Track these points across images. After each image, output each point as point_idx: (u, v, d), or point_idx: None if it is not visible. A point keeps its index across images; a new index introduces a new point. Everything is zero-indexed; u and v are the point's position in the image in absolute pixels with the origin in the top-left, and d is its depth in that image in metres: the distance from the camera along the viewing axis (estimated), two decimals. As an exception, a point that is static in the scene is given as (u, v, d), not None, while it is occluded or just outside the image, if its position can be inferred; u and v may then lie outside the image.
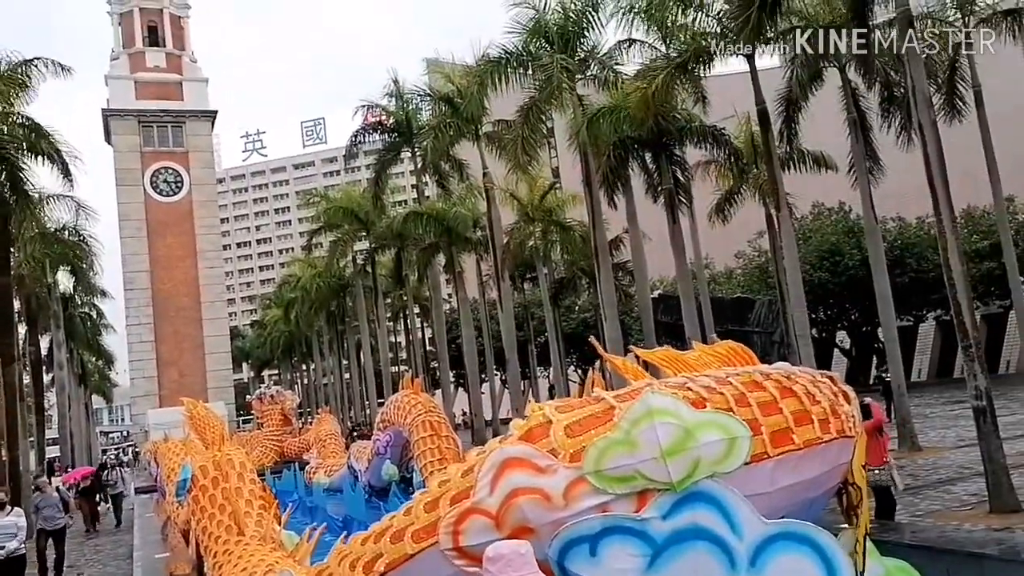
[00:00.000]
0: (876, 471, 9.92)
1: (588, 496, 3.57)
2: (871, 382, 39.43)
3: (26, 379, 34.81)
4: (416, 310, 48.63)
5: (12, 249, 24.70)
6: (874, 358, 46.15)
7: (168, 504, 14.81)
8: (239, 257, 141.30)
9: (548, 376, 52.81)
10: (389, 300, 51.74)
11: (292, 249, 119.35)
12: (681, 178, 24.53)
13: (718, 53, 19.11)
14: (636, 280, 26.99)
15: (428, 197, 38.21)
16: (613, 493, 3.54)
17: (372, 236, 39.98)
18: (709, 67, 20.03)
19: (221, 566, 7.16)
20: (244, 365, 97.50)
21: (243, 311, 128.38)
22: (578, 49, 22.13)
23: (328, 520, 12.87)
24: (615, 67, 22.50)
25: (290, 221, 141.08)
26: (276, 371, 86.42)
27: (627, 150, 23.10)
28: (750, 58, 18.96)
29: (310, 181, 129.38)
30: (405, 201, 58.96)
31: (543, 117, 24.11)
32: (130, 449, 59.44)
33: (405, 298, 44.93)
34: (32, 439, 33.84)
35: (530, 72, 22.82)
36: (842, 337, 48.01)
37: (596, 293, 31.21)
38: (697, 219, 27.10)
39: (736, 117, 25.34)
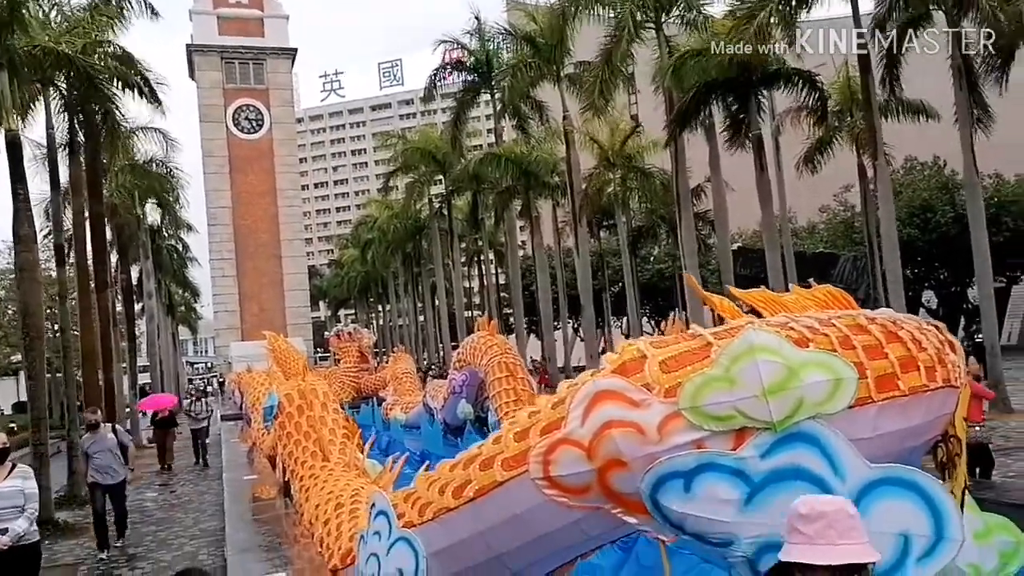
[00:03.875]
0: (976, 427, 9.65)
1: (683, 432, 3.47)
2: (961, 343, 38.00)
3: (119, 307, 36.33)
4: (491, 255, 48.77)
5: (104, 179, 25.48)
6: (962, 319, 44.48)
7: (254, 430, 15.38)
8: (317, 198, 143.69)
9: (621, 326, 52.56)
10: (464, 244, 52.01)
11: (368, 192, 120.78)
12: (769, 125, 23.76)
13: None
14: (717, 230, 26.39)
15: (506, 141, 37.94)
16: (709, 430, 3.44)
17: (449, 179, 39.99)
18: (807, 7, 19.17)
19: (308, 489, 7.41)
20: (321, 304, 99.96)
21: (320, 251, 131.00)
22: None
23: (407, 452, 13.17)
24: (702, 6, 21.78)
25: (367, 163, 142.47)
26: (352, 311, 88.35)
27: (710, 93, 22.37)
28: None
29: (387, 123, 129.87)
30: (481, 146, 58.72)
31: (625, 59, 23.53)
32: (214, 380, 61.81)
33: (480, 242, 45.04)
34: (124, 365, 35.39)
35: (616, 12, 22.26)
36: (928, 297, 46.34)
37: (674, 243, 30.74)
38: (784, 169, 26.25)
39: (832, 63, 24.26)
